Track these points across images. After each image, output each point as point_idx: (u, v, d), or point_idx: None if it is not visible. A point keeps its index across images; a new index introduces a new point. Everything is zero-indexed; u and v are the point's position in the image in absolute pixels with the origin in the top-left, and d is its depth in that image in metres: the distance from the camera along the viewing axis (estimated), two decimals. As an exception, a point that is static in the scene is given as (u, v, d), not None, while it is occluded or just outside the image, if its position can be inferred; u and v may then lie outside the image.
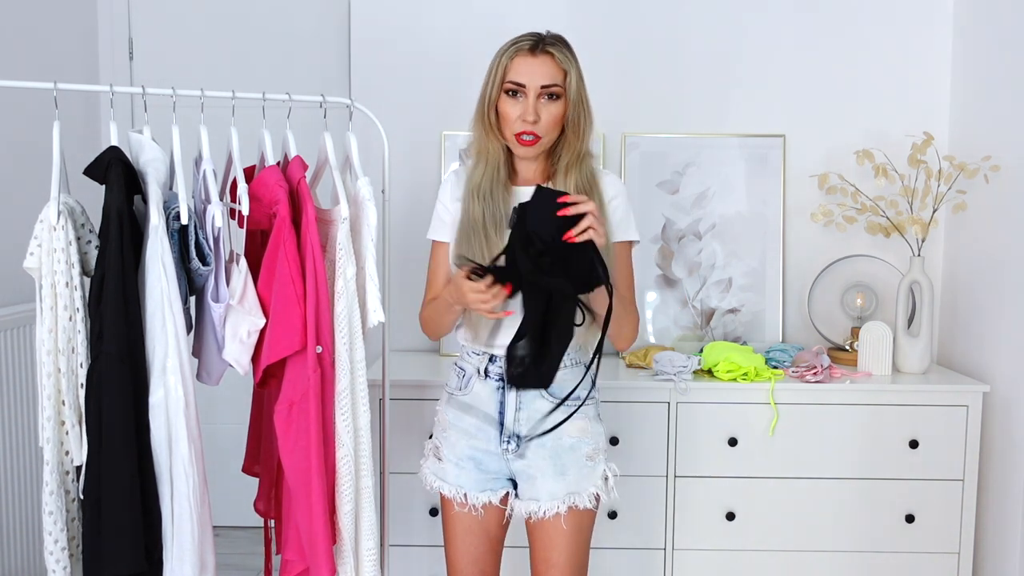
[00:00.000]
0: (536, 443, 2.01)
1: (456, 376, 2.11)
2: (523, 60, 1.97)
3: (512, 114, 1.97)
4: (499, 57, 2.00)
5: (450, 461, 2.08)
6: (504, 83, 1.98)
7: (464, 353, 2.11)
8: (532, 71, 1.96)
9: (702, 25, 3.12)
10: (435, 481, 2.11)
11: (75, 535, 1.98)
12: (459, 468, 2.07)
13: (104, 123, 3.36)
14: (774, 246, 3.12)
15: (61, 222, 1.86)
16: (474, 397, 2.05)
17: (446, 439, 2.09)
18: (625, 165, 3.12)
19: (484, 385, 2.04)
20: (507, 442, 2.03)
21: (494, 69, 2.00)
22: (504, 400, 2.02)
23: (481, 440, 2.05)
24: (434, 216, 2.14)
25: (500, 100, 1.99)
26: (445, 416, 2.11)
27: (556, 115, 1.98)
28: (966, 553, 2.75)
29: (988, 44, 2.89)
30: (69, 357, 1.90)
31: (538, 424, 2.01)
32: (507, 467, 2.06)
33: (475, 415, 2.06)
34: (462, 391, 2.08)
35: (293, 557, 2.09)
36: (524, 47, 1.98)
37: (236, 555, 3.43)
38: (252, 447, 2.40)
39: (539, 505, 2.02)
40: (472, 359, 2.07)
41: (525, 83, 1.96)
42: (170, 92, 2.03)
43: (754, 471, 2.73)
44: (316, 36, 3.43)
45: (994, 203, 2.82)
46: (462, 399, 2.07)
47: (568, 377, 2.02)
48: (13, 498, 2.78)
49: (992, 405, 2.78)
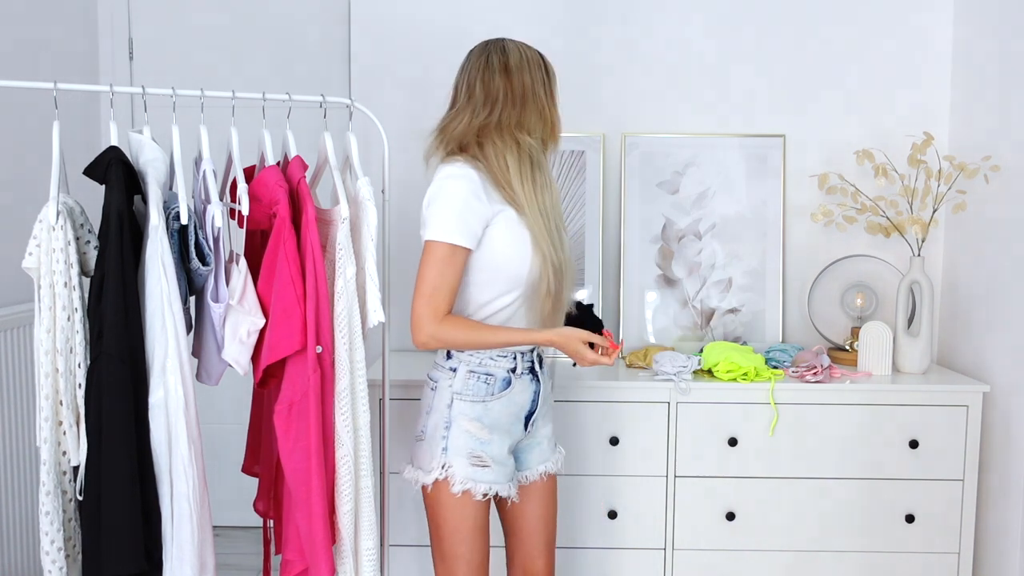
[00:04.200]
0: (542, 414, 2.21)
1: (482, 383, 2.09)
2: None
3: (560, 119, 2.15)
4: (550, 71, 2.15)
5: (498, 463, 2.11)
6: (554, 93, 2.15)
7: (485, 359, 2.09)
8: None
9: (702, 25, 3.12)
10: (489, 488, 2.09)
11: (72, 536, 1.98)
12: (503, 466, 2.12)
13: (104, 123, 3.36)
14: (774, 246, 3.12)
15: (60, 222, 1.86)
16: (512, 396, 2.12)
17: (489, 444, 2.09)
18: (625, 165, 3.12)
19: (521, 381, 2.13)
20: (532, 423, 2.18)
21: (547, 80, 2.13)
22: (539, 388, 2.17)
23: (515, 432, 2.16)
24: (454, 217, 1.98)
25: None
26: (480, 424, 2.08)
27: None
28: (966, 553, 2.75)
29: (988, 44, 2.89)
30: (67, 357, 1.89)
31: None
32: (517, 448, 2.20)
33: (512, 412, 2.13)
34: (496, 395, 2.10)
35: (293, 557, 2.09)
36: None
37: (236, 555, 3.43)
38: (252, 447, 2.40)
39: (553, 462, 2.26)
40: (500, 362, 2.10)
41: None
42: (170, 92, 2.03)
43: (754, 471, 2.73)
44: (316, 36, 3.43)
45: (994, 203, 2.82)
46: (499, 402, 2.10)
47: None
48: (11, 498, 2.78)
49: (992, 405, 2.78)
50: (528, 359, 2.15)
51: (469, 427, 2.07)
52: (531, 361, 2.15)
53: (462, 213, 1.98)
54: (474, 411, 2.08)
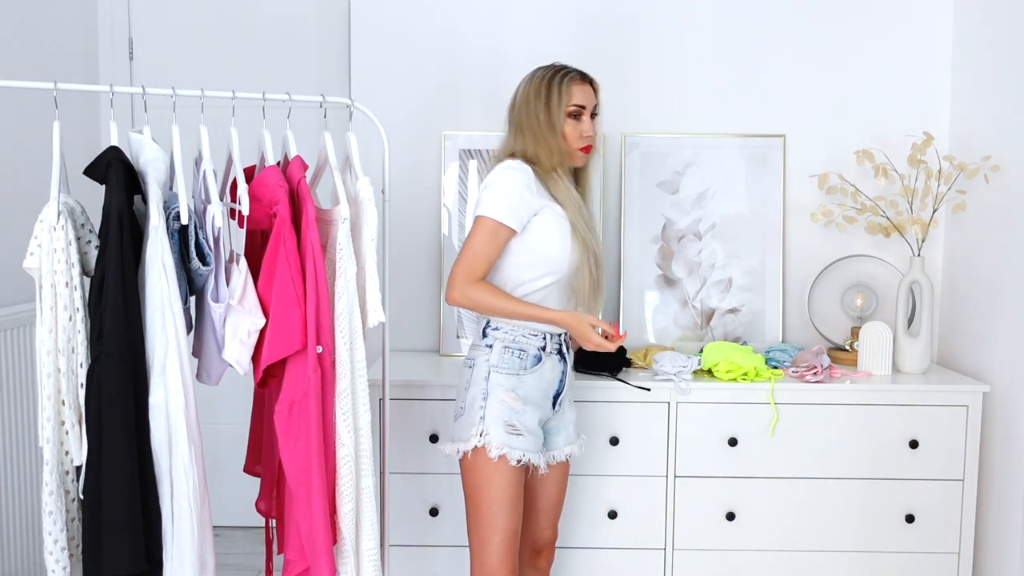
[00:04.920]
0: (568, 398, 2.41)
1: (516, 358, 2.28)
2: (579, 87, 2.30)
3: (574, 133, 2.30)
4: (558, 85, 2.29)
5: (531, 433, 2.27)
6: (569, 107, 2.28)
7: (518, 336, 2.28)
8: (586, 95, 2.32)
9: (702, 25, 3.12)
10: (523, 455, 2.24)
11: (75, 535, 1.98)
12: (536, 437, 2.29)
13: (104, 123, 3.36)
14: (774, 246, 3.12)
15: (61, 222, 1.86)
16: (542, 372, 2.31)
17: (523, 414, 2.26)
18: (625, 165, 3.12)
19: (551, 359, 2.32)
20: (559, 404, 2.36)
21: (557, 95, 2.28)
22: (566, 369, 2.37)
23: (544, 408, 2.33)
24: (506, 200, 2.22)
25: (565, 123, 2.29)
26: (514, 395, 2.26)
27: (597, 130, 2.37)
28: (966, 553, 2.75)
29: (988, 44, 2.89)
30: (69, 357, 1.90)
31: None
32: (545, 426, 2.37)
33: (542, 388, 2.31)
34: (529, 370, 2.28)
35: (294, 557, 2.09)
36: (575, 76, 2.31)
37: (236, 555, 3.43)
38: (253, 447, 2.40)
39: (575, 446, 2.42)
40: (532, 340, 2.29)
41: (585, 104, 2.31)
42: (170, 92, 2.03)
43: (754, 471, 2.73)
44: (316, 36, 3.43)
45: (994, 203, 2.82)
46: (531, 376, 2.29)
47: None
48: (13, 498, 2.78)
49: (992, 405, 2.78)
50: (557, 341, 2.33)
51: (505, 397, 2.25)
52: (559, 343, 2.34)
53: (513, 198, 2.23)
54: (509, 382, 2.26)
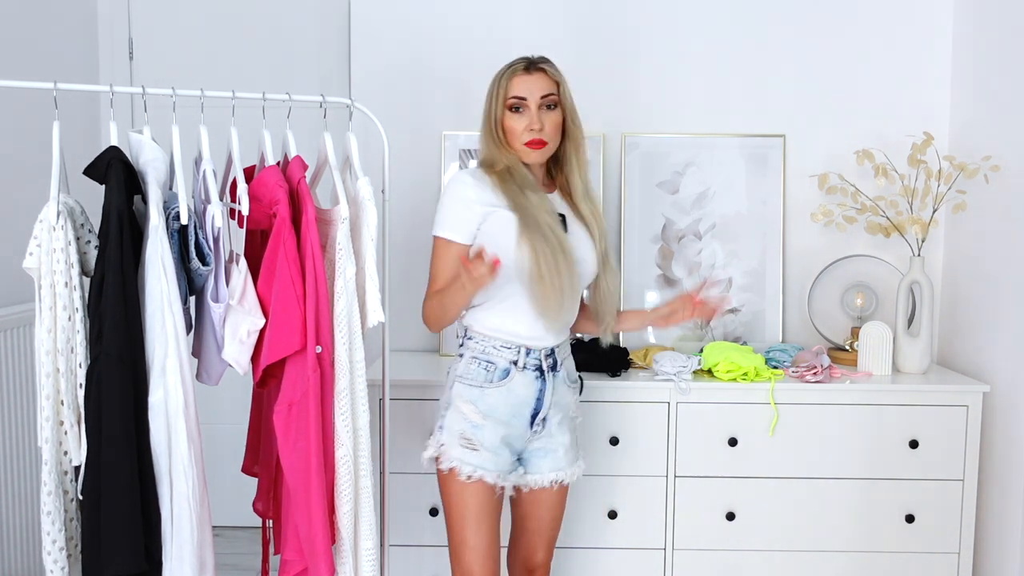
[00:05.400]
0: (557, 420, 2.26)
1: (483, 370, 2.19)
2: (520, 78, 2.20)
3: (518, 127, 2.19)
4: (498, 80, 2.22)
5: (488, 450, 2.17)
6: (507, 100, 2.19)
7: (489, 348, 2.19)
8: (530, 86, 2.19)
9: (702, 25, 3.12)
10: (475, 471, 2.16)
11: (73, 535, 1.98)
12: (496, 456, 2.18)
13: (104, 123, 3.36)
14: (774, 246, 3.12)
15: (60, 222, 1.86)
16: (512, 388, 2.19)
17: (481, 429, 2.17)
18: (625, 165, 3.12)
19: (523, 376, 2.19)
20: (538, 425, 2.23)
21: (495, 91, 2.21)
22: (544, 388, 2.22)
23: (514, 426, 2.20)
24: (449, 214, 2.17)
25: (505, 117, 2.20)
26: (474, 408, 2.18)
27: (556, 122, 2.22)
28: (966, 553, 2.75)
29: (988, 44, 2.89)
30: (68, 357, 1.89)
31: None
32: (525, 447, 2.25)
33: (511, 404, 2.19)
34: (495, 384, 2.18)
35: (292, 557, 2.09)
36: (519, 67, 2.21)
37: (236, 555, 3.43)
38: (252, 447, 2.40)
39: (565, 473, 2.29)
40: (504, 353, 2.18)
41: (526, 96, 2.18)
42: (170, 92, 2.03)
43: (754, 471, 2.72)
44: (316, 36, 3.43)
45: (994, 203, 2.81)
46: (496, 391, 2.18)
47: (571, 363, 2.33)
48: (12, 498, 2.78)
49: (992, 405, 2.78)
50: (536, 357, 2.20)
51: (464, 409, 2.18)
52: (539, 360, 2.20)
53: (455, 211, 2.17)
54: (470, 394, 2.18)
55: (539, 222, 2.13)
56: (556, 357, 2.24)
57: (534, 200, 2.15)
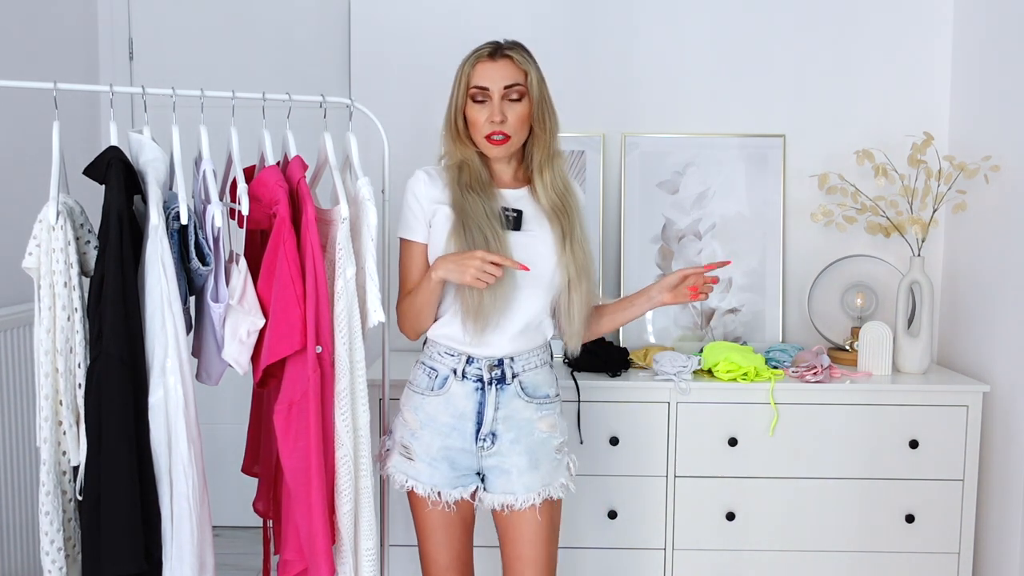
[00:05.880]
0: (511, 439, 2.10)
1: (426, 376, 2.13)
2: (484, 66, 2.08)
3: (479, 118, 2.07)
4: (461, 67, 2.10)
5: (423, 460, 2.11)
6: (469, 89, 2.08)
7: (435, 353, 2.14)
8: (493, 75, 2.06)
9: (702, 25, 3.12)
10: (407, 480, 2.13)
11: (72, 536, 1.97)
12: (432, 467, 2.11)
13: (104, 123, 3.36)
14: (774, 246, 3.12)
15: (60, 222, 1.86)
16: (450, 397, 2.10)
17: (418, 438, 2.12)
18: (625, 165, 3.12)
19: (462, 385, 2.10)
20: (484, 440, 2.10)
21: (458, 79, 2.10)
22: (484, 400, 2.10)
23: (455, 439, 2.10)
24: (406, 212, 2.14)
25: (467, 107, 2.09)
26: (415, 416, 2.13)
27: (522, 114, 2.08)
28: (966, 553, 2.74)
29: (988, 44, 2.89)
30: (67, 357, 1.89)
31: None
32: (478, 463, 2.13)
33: (450, 415, 2.10)
34: (435, 391, 2.11)
35: (292, 557, 2.09)
36: (483, 54, 2.09)
37: (236, 555, 3.43)
38: (252, 447, 2.40)
39: (516, 498, 2.11)
40: (446, 360, 2.11)
41: (488, 86, 2.06)
42: (170, 92, 2.03)
43: (754, 471, 2.72)
44: (316, 36, 3.43)
45: (994, 203, 2.81)
46: (435, 399, 2.11)
47: (540, 377, 2.16)
48: (11, 498, 2.78)
49: (992, 405, 2.78)
50: (478, 367, 2.08)
51: (406, 416, 2.15)
52: (480, 370, 2.08)
53: (407, 210, 2.14)
54: (412, 401, 2.14)
55: (470, 224, 2.02)
56: (507, 369, 2.09)
57: (472, 200, 2.05)
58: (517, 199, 2.15)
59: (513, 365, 2.11)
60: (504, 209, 2.10)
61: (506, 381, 2.10)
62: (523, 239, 2.09)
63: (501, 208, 2.09)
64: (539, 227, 2.12)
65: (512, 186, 2.16)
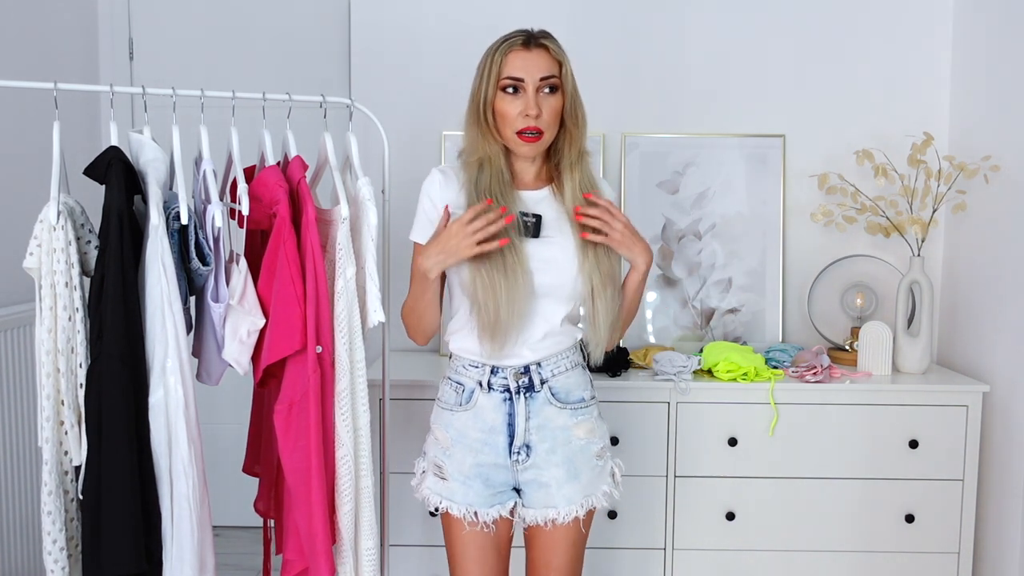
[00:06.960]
0: (546, 449, 1.97)
1: (453, 392, 2.01)
2: (518, 55, 1.93)
3: (512, 111, 1.92)
4: (492, 55, 1.95)
5: (456, 480, 1.99)
6: (501, 80, 1.93)
7: (459, 367, 2.02)
8: (528, 64, 1.92)
9: (702, 25, 3.12)
10: (441, 502, 2.01)
11: (74, 535, 1.97)
12: (466, 486, 1.98)
13: (104, 123, 3.36)
14: (774, 246, 3.12)
15: (61, 222, 1.86)
16: (478, 411, 1.98)
17: (450, 456, 2.00)
18: (625, 165, 3.12)
19: (489, 398, 1.97)
20: (518, 453, 1.98)
21: (487, 67, 1.94)
22: (514, 411, 1.97)
23: (487, 454, 1.98)
24: (420, 215, 2.02)
25: (497, 99, 1.94)
26: (445, 433, 2.01)
27: (556, 108, 1.94)
28: (966, 553, 2.75)
29: (988, 44, 2.89)
30: (68, 357, 1.89)
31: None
32: (514, 478, 2.01)
33: (480, 429, 1.98)
34: (463, 407, 1.99)
35: (293, 557, 2.09)
36: (517, 42, 1.94)
37: (236, 555, 3.43)
38: (252, 447, 2.40)
39: (558, 511, 1.99)
40: (471, 372, 1.99)
41: (523, 77, 1.91)
42: (170, 92, 2.03)
43: (754, 471, 2.73)
44: (316, 36, 3.43)
45: (994, 203, 2.82)
46: (464, 414, 1.99)
47: (572, 380, 2.02)
48: (13, 498, 2.78)
49: (992, 405, 2.78)
50: (503, 376, 1.96)
51: (437, 434, 2.04)
52: (507, 379, 1.96)
53: (422, 213, 2.03)
54: (442, 418, 2.03)
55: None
56: (535, 375, 1.97)
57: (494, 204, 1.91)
58: (538, 201, 1.99)
59: (541, 371, 1.98)
60: (523, 214, 1.94)
61: (535, 388, 1.97)
62: (540, 248, 1.94)
63: (519, 213, 1.94)
64: (559, 232, 1.97)
65: (534, 186, 2.01)
